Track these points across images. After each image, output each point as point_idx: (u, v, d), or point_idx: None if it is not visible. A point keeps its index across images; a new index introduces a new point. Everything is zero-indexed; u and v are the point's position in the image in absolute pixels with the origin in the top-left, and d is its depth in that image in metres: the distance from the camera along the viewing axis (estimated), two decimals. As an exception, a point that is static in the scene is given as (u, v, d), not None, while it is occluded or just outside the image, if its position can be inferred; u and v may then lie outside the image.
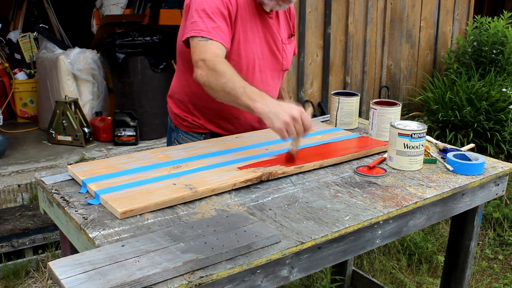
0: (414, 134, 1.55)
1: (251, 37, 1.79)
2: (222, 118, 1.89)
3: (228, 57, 1.71)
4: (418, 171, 1.59)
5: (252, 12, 1.79)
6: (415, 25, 5.25)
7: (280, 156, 1.62)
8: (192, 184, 1.39)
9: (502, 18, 4.82)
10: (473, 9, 5.72)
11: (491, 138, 4.12)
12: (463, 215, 1.68)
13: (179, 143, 1.94)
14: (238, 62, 1.77)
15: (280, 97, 2.15)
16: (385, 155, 1.66)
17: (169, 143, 2.03)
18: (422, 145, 1.58)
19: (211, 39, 1.64)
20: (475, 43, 4.96)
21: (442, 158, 1.69)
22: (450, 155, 1.62)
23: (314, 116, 4.49)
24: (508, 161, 1.79)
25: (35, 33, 4.89)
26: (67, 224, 1.32)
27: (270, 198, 1.37)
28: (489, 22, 4.90)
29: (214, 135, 1.91)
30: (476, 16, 5.16)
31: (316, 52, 4.52)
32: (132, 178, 1.43)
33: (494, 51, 4.83)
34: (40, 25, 4.90)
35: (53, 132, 4.06)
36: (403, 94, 5.31)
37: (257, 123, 1.95)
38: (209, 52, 1.61)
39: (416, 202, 1.37)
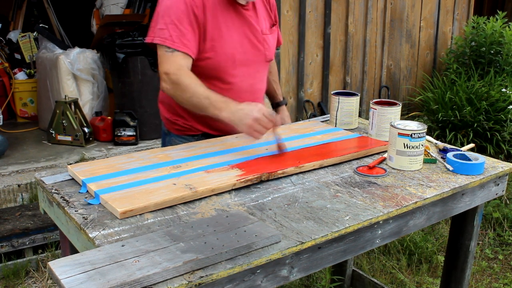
0: (414, 134, 1.55)
1: (227, 33, 1.78)
2: (212, 119, 1.83)
3: (203, 55, 1.74)
4: (418, 171, 1.59)
5: (225, 7, 1.77)
6: (415, 25, 5.25)
7: (280, 156, 1.62)
8: (192, 184, 1.39)
9: (497, 19, 4.81)
10: (473, 9, 5.72)
11: (491, 138, 4.12)
12: (463, 215, 1.68)
13: None
14: (216, 59, 1.77)
15: (272, 90, 2.17)
16: (385, 155, 1.66)
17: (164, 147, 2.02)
18: (422, 145, 1.58)
19: (175, 49, 1.67)
20: (473, 43, 4.96)
21: (442, 158, 1.69)
22: (450, 155, 1.62)
23: (314, 116, 4.49)
24: (508, 161, 1.79)
25: (35, 33, 4.88)
26: (67, 224, 1.32)
27: (270, 198, 1.37)
28: (484, 23, 4.89)
29: (206, 136, 1.90)
30: (473, 17, 5.16)
31: (316, 52, 4.52)
32: (132, 178, 1.43)
33: (492, 51, 4.83)
34: (40, 25, 4.90)
35: (53, 132, 4.06)
36: (403, 94, 5.32)
37: None
38: (173, 64, 1.66)
39: (416, 202, 1.38)
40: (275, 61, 2.22)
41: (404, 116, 4.83)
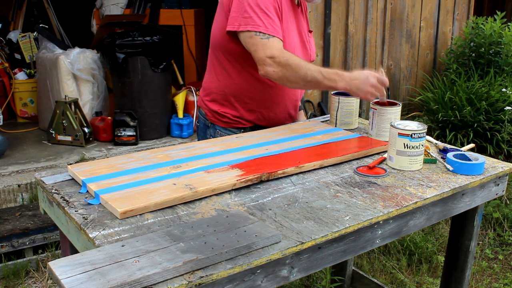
0: (414, 134, 1.55)
1: (291, 27, 1.87)
2: (264, 107, 1.94)
3: None
4: (418, 171, 1.59)
5: (291, 7, 1.88)
6: (415, 25, 5.25)
7: (280, 156, 1.62)
8: (192, 184, 1.39)
9: (496, 19, 4.81)
10: (473, 9, 5.72)
11: (491, 138, 4.12)
12: (463, 215, 1.68)
13: None
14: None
15: None
16: (385, 155, 1.66)
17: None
18: (422, 145, 1.58)
19: (271, 35, 1.72)
20: (472, 44, 4.96)
21: (442, 158, 1.69)
22: (450, 155, 1.62)
23: (314, 116, 4.49)
24: (508, 161, 1.79)
25: (35, 33, 4.88)
26: (67, 224, 1.32)
27: (270, 198, 1.37)
28: (483, 23, 4.89)
29: (254, 128, 1.96)
30: (472, 17, 5.16)
31: (316, 52, 4.51)
32: (132, 178, 1.43)
33: (491, 52, 4.83)
34: (40, 25, 4.90)
35: (53, 132, 4.06)
36: (403, 94, 5.31)
37: (293, 111, 2.06)
38: (274, 48, 1.71)
39: (416, 202, 1.38)
40: None
41: (404, 116, 4.83)
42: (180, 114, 4.22)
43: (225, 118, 1.96)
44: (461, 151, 1.71)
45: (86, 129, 4.04)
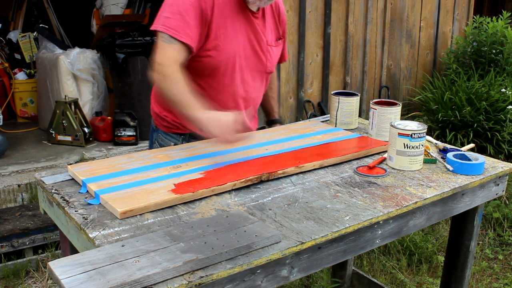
0: (414, 134, 1.55)
1: (233, 34, 1.76)
2: None
3: (205, 52, 1.73)
4: (418, 171, 1.59)
5: (235, 9, 1.76)
6: (415, 25, 5.25)
7: (280, 156, 1.62)
8: (192, 184, 1.39)
9: (501, 18, 4.82)
10: (473, 9, 5.72)
11: (491, 138, 4.12)
12: (463, 215, 1.68)
13: (160, 145, 1.91)
14: (217, 59, 1.75)
15: (269, 107, 2.15)
16: (385, 155, 1.66)
17: (151, 144, 1.99)
18: (422, 145, 1.58)
19: (176, 39, 1.64)
20: (474, 43, 4.96)
21: (442, 158, 1.69)
22: (450, 155, 1.62)
23: (314, 116, 4.49)
24: (508, 161, 1.79)
25: (35, 33, 4.88)
26: (67, 224, 1.32)
27: (270, 198, 1.37)
28: (488, 23, 4.90)
29: (193, 136, 1.84)
30: (475, 16, 5.16)
31: (316, 52, 4.52)
32: (132, 178, 1.43)
33: (493, 51, 4.83)
34: (40, 25, 4.90)
35: (53, 132, 4.06)
36: (403, 94, 5.31)
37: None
38: (168, 56, 1.63)
39: (416, 202, 1.38)
40: (276, 73, 2.19)
41: (404, 116, 4.82)
42: (180, 114, 4.21)
43: (165, 122, 1.89)
44: (461, 151, 1.71)
45: (86, 129, 4.04)
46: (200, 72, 1.76)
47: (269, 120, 2.19)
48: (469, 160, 1.59)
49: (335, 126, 1.99)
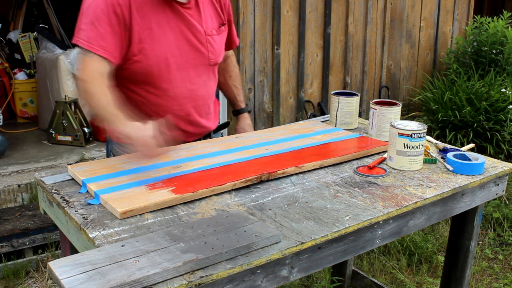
0: (414, 134, 1.55)
1: (160, 33, 1.64)
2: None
3: (132, 58, 1.62)
4: (418, 171, 1.59)
5: (158, 5, 1.63)
6: (415, 25, 5.25)
7: (280, 156, 1.62)
8: (192, 184, 1.39)
9: (501, 18, 4.82)
10: (473, 9, 5.72)
11: (491, 138, 4.12)
12: (463, 215, 1.68)
13: (114, 155, 1.80)
14: (146, 63, 1.64)
15: (232, 96, 2.06)
16: (385, 155, 1.66)
17: (108, 155, 1.89)
18: (422, 145, 1.58)
19: (92, 52, 1.54)
20: (474, 43, 4.97)
21: (442, 158, 1.69)
22: (450, 155, 1.62)
23: (314, 116, 4.49)
24: (508, 161, 1.79)
25: (35, 33, 4.88)
26: (67, 224, 1.32)
27: (270, 198, 1.37)
28: (489, 22, 4.91)
29: None
30: (476, 16, 5.16)
31: (316, 52, 4.52)
32: (132, 178, 1.43)
33: (493, 51, 4.83)
34: (40, 25, 4.89)
35: (53, 132, 4.06)
36: (403, 94, 5.31)
37: (188, 125, 1.81)
38: (87, 70, 1.55)
39: (416, 202, 1.38)
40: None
41: (404, 116, 4.83)
42: (180, 114, 4.21)
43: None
44: (461, 151, 1.71)
45: (86, 129, 4.04)
46: (134, 79, 1.67)
47: (234, 110, 2.09)
48: (469, 160, 1.59)
49: (335, 126, 1.99)
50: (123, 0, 1.57)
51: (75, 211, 1.27)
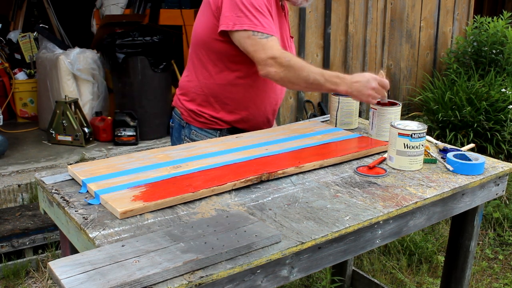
0: (414, 134, 1.55)
1: (277, 30, 1.84)
2: (244, 108, 1.91)
3: None
4: (418, 171, 1.59)
5: (276, 6, 1.84)
6: (415, 25, 5.25)
7: (280, 156, 1.62)
8: (192, 184, 1.39)
9: (501, 18, 4.82)
10: (473, 9, 5.72)
11: (491, 138, 4.12)
12: (463, 215, 1.68)
13: (192, 140, 1.93)
14: None
15: None
16: (385, 155, 1.66)
17: (178, 141, 2.00)
18: (422, 145, 1.58)
19: (269, 34, 1.70)
20: (475, 43, 4.97)
21: (442, 158, 1.69)
22: (450, 155, 1.62)
23: (314, 116, 4.49)
24: (508, 161, 1.79)
25: (35, 33, 4.89)
26: (67, 224, 1.32)
27: (270, 198, 1.37)
28: (489, 23, 4.91)
29: (231, 131, 1.91)
30: (476, 16, 5.16)
31: (316, 52, 4.52)
32: (132, 178, 1.43)
33: (493, 51, 4.83)
34: (40, 25, 4.90)
35: (53, 132, 4.06)
36: (403, 94, 5.31)
37: (271, 116, 2.02)
38: (275, 49, 1.69)
39: (416, 202, 1.37)
40: None
41: (404, 116, 4.83)
42: (180, 114, 4.21)
43: (202, 118, 1.91)
44: (461, 151, 1.71)
45: (86, 129, 4.04)
46: (250, 63, 1.78)
47: None
48: (469, 160, 1.59)
49: (335, 126, 1.99)
50: None
51: (75, 211, 1.27)
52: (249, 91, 1.88)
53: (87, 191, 1.39)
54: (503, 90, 4.30)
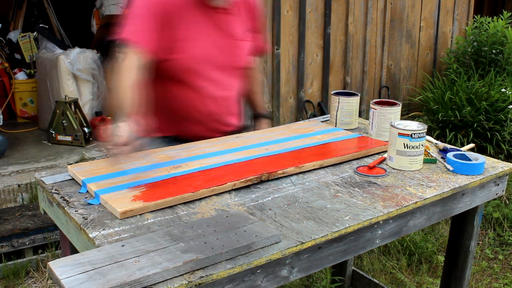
0: (414, 134, 1.55)
1: (197, 35, 1.74)
2: (187, 120, 1.84)
3: (172, 55, 1.71)
4: (418, 171, 1.59)
5: (197, 9, 1.74)
6: (415, 25, 5.25)
7: (280, 156, 1.62)
8: (192, 184, 1.39)
9: (501, 18, 4.82)
10: (473, 9, 5.72)
11: (491, 138, 4.12)
12: (463, 215, 1.68)
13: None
14: (185, 61, 1.74)
15: (251, 101, 2.13)
16: (385, 155, 1.66)
17: None
18: (422, 145, 1.58)
19: (135, 43, 1.63)
20: (474, 43, 4.97)
21: (442, 158, 1.69)
22: (450, 155, 1.62)
23: (314, 116, 4.49)
24: (508, 161, 1.79)
25: (35, 33, 4.88)
26: (67, 224, 1.32)
27: (270, 198, 1.37)
28: (489, 23, 4.91)
29: (176, 139, 1.84)
30: (476, 16, 5.16)
31: (316, 52, 4.52)
32: (132, 178, 1.43)
33: (493, 51, 4.83)
34: (40, 25, 4.90)
35: (53, 132, 4.06)
36: (403, 94, 5.31)
37: (222, 125, 1.91)
38: (127, 59, 1.62)
39: (416, 202, 1.37)
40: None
41: (404, 116, 4.83)
42: (180, 114, 4.21)
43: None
44: (461, 151, 1.71)
45: (86, 129, 4.04)
46: (170, 76, 1.75)
47: (254, 114, 2.17)
48: (469, 160, 1.59)
49: (335, 126, 1.99)
50: (168, 0, 1.68)
51: (75, 211, 1.27)
52: (173, 103, 1.81)
53: (87, 191, 1.39)
54: (503, 90, 4.30)
